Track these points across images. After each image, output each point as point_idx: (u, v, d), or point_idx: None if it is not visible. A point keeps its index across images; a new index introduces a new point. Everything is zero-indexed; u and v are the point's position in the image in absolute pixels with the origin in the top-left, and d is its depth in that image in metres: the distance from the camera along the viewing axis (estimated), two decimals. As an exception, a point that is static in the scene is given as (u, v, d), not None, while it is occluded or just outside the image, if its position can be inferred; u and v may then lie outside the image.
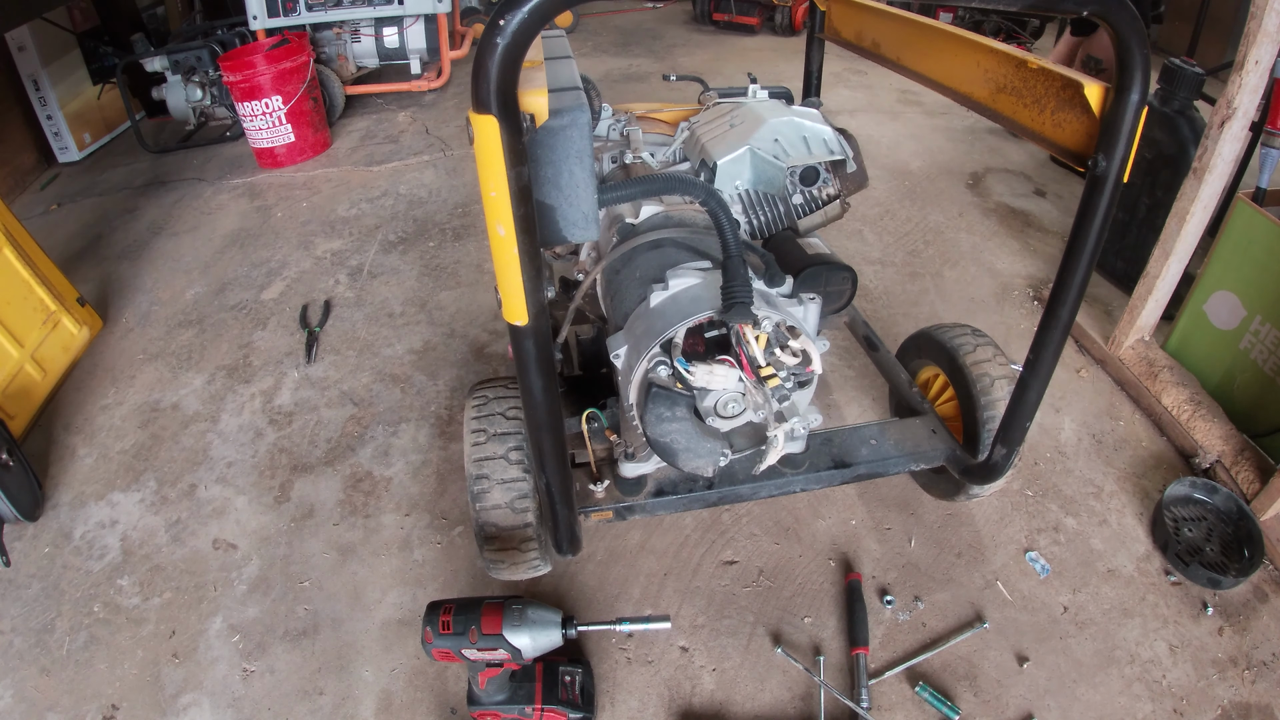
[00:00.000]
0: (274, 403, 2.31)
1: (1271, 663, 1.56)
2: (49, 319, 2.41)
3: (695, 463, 1.22)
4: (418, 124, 4.35)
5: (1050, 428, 2.11)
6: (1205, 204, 1.94)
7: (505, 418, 1.45)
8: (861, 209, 3.18)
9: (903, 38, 1.53)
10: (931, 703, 1.46)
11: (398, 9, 4.25)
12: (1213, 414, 1.99)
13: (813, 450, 1.53)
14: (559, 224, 1.06)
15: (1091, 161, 1.09)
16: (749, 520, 1.86)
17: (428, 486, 2.00)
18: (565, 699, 1.41)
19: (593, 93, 1.77)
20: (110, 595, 1.77)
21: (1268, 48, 1.72)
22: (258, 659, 1.62)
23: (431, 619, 1.26)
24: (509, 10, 0.80)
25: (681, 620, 1.65)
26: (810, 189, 1.68)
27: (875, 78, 4.68)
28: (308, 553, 1.84)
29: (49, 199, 3.75)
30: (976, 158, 3.68)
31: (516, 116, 0.86)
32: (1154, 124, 2.34)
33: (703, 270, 1.30)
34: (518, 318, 1.02)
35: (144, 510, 1.98)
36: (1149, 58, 1.02)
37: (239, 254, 3.12)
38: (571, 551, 1.40)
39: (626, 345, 1.26)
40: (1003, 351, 1.64)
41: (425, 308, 2.70)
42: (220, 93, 4.06)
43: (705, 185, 1.17)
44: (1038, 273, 2.78)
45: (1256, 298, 1.91)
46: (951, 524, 1.84)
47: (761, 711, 1.49)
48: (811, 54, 1.96)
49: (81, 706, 1.55)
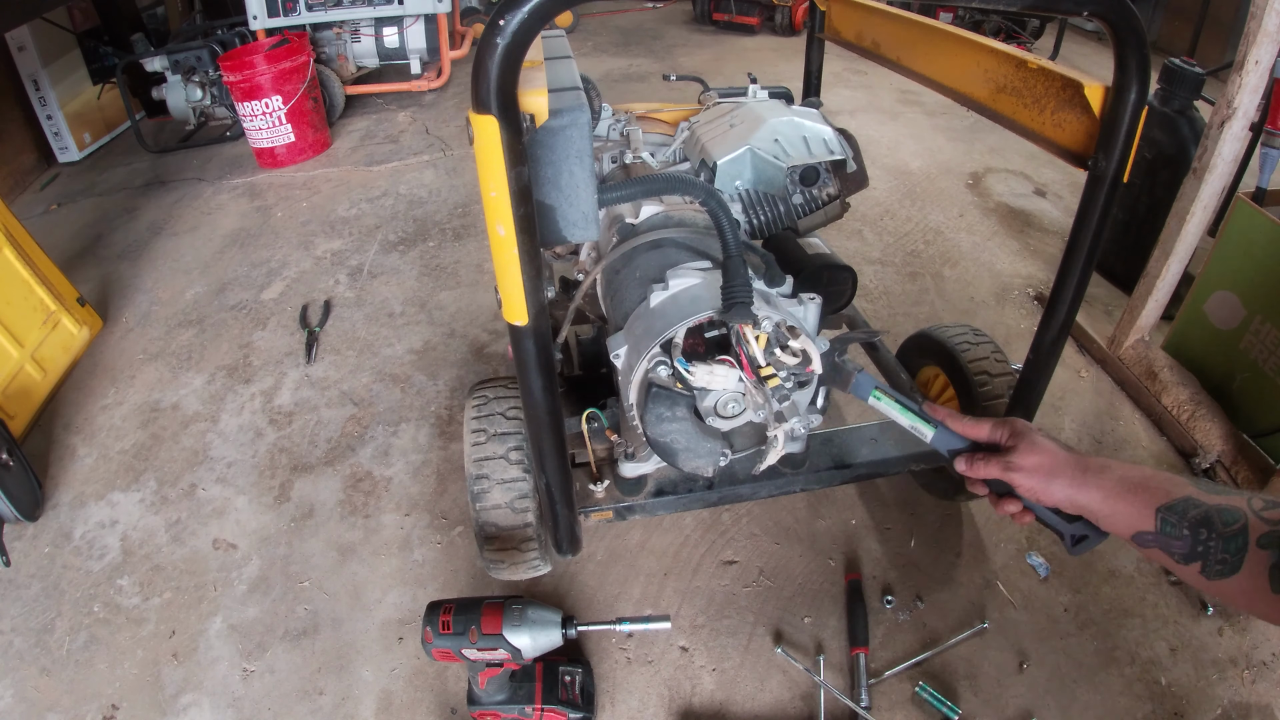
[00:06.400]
0: (274, 403, 2.31)
1: (1271, 663, 1.56)
2: (49, 319, 2.41)
3: (695, 463, 1.22)
4: (418, 124, 4.35)
5: (1050, 428, 2.11)
6: (1205, 204, 1.94)
7: (505, 418, 1.45)
8: (861, 209, 3.18)
9: (903, 38, 1.53)
10: (931, 703, 1.46)
11: (398, 9, 4.25)
12: (1213, 414, 1.99)
13: (813, 450, 1.53)
14: (559, 224, 1.06)
15: (1091, 161, 1.09)
16: (749, 520, 1.86)
17: (428, 486, 2.00)
18: (565, 699, 1.41)
19: (593, 93, 1.77)
20: (110, 595, 1.77)
21: (1268, 48, 1.72)
22: (258, 659, 1.62)
23: (431, 619, 1.26)
24: (509, 10, 0.80)
25: (681, 620, 1.65)
26: (810, 189, 1.68)
27: (875, 78, 4.67)
28: (308, 553, 1.84)
29: (49, 199, 3.75)
30: (976, 158, 3.68)
31: (516, 116, 0.86)
32: (1154, 124, 2.34)
33: (703, 270, 1.30)
34: (518, 318, 1.02)
35: (144, 510, 1.98)
36: (1149, 58, 1.02)
37: (239, 254, 3.12)
38: (571, 551, 1.40)
39: (626, 345, 1.26)
40: (1002, 351, 1.64)
41: (425, 308, 2.70)
42: (220, 93, 4.06)
43: (705, 185, 1.17)
44: (1038, 273, 2.78)
45: (1256, 298, 1.91)
46: (951, 524, 1.84)
47: (762, 711, 1.49)
48: (811, 54, 1.96)
49: (81, 706, 1.55)
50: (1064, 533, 0.92)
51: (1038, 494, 0.90)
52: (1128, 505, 0.82)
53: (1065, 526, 0.92)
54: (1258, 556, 0.73)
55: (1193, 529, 0.77)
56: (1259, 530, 0.73)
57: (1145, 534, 0.80)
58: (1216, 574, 0.76)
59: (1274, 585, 0.72)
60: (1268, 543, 0.72)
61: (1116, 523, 0.84)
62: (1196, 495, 0.78)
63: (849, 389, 1.11)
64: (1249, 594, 0.74)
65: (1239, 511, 0.75)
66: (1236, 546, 0.74)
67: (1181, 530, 0.78)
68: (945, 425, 1.01)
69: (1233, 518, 0.75)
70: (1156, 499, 0.80)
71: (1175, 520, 0.78)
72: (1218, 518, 0.76)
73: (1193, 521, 0.77)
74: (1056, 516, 0.92)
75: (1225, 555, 0.75)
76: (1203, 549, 0.76)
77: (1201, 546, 0.76)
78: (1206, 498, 0.78)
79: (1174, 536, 0.78)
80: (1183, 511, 0.78)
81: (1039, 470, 0.89)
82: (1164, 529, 0.79)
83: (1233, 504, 0.76)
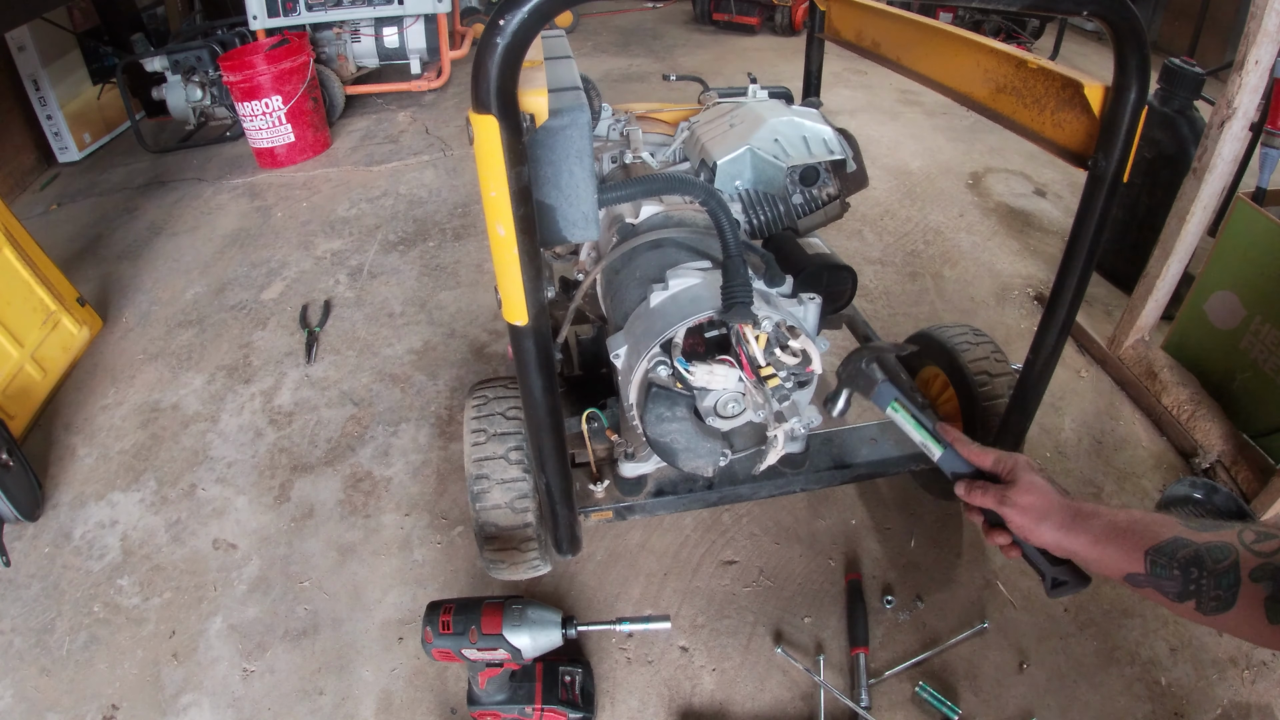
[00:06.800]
0: (274, 403, 2.31)
1: (1271, 663, 1.56)
2: (49, 319, 2.41)
3: (695, 463, 1.22)
4: (418, 124, 4.35)
5: (1050, 427, 2.11)
6: (1205, 204, 1.94)
7: (505, 418, 1.45)
8: (861, 209, 3.18)
9: (903, 38, 1.53)
10: (931, 703, 1.46)
11: (398, 9, 4.25)
12: (1213, 414, 1.99)
13: (813, 450, 1.53)
14: (559, 224, 1.06)
15: (1091, 161, 1.09)
16: (749, 520, 1.86)
17: (428, 486, 2.00)
18: (565, 699, 1.41)
19: (593, 93, 1.77)
20: (110, 595, 1.77)
21: (1268, 48, 1.72)
22: (258, 659, 1.62)
23: (431, 619, 1.26)
24: (509, 10, 0.80)
25: (681, 620, 1.65)
26: (810, 189, 1.68)
27: (875, 78, 4.67)
28: (308, 553, 1.84)
29: (49, 199, 3.75)
30: (976, 158, 3.68)
31: (516, 116, 0.86)
32: (1154, 124, 2.33)
33: (703, 270, 1.30)
34: (518, 318, 1.02)
35: (144, 510, 1.98)
36: (1149, 58, 1.02)
37: (239, 254, 3.12)
38: (571, 551, 1.40)
39: (626, 345, 1.26)
40: (1002, 351, 1.64)
41: (425, 308, 2.70)
42: (220, 93, 4.06)
43: (705, 185, 1.17)
44: (1038, 273, 2.78)
45: (1256, 298, 1.91)
46: (952, 524, 1.84)
47: (762, 711, 1.49)
48: (811, 54, 1.96)
49: (81, 706, 1.55)
50: (1045, 574, 0.94)
51: (1027, 533, 0.91)
52: (1115, 550, 0.83)
53: (1048, 569, 0.93)
54: (1251, 590, 0.73)
55: (1183, 569, 0.78)
56: (1250, 564, 0.74)
57: (1137, 575, 0.81)
58: (1212, 610, 0.77)
59: (1271, 617, 0.72)
60: (1260, 576, 0.73)
61: (1106, 566, 0.85)
62: (1185, 535, 0.79)
63: (870, 397, 1.12)
64: (1246, 626, 0.75)
65: (1229, 547, 0.76)
66: (1229, 582, 0.75)
67: (1172, 570, 0.78)
68: (954, 448, 1.02)
69: (1223, 554, 0.76)
70: (1145, 542, 0.80)
71: (1165, 561, 0.79)
72: (1208, 556, 0.76)
73: (1183, 561, 0.78)
74: (1042, 557, 0.93)
75: (1218, 592, 0.75)
76: (1195, 587, 0.77)
77: (1194, 585, 0.77)
78: (1195, 536, 0.78)
79: (1165, 577, 0.79)
80: (1172, 553, 0.79)
81: (1031, 510, 0.90)
82: (1154, 571, 0.79)
83: (1223, 540, 0.77)
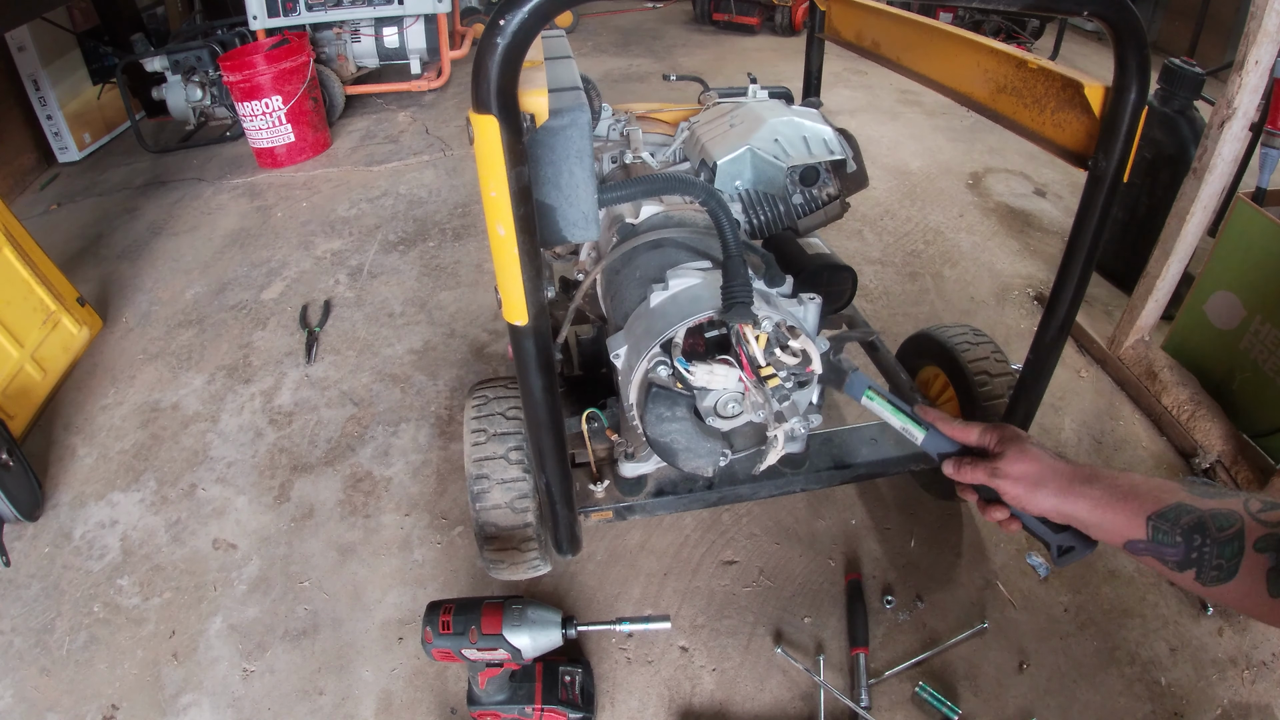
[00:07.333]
0: (274, 403, 2.31)
1: (1271, 663, 1.56)
2: (49, 319, 2.41)
3: (695, 463, 1.22)
4: (418, 124, 4.35)
5: (1050, 428, 2.11)
6: (1205, 204, 1.94)
7: (505, 418, 1.45)
8: (861, 209, 3.18)
9: (903, 38, 1.53)
10: (931, 703, 1.46)
11: (398, 9, 4.25)
12: (1213, 414, 1.99)
13: (813, 450, 1.53)
14: (559, 224, 1.06)
15: (1091, 161, 1.09)
16: (749, 520, 1.86)
17: (428, 486, 2.00)
18: (565, 699, 1.41)
19: (593, 93, 1.77)
20: (110, 595, 1.77)
21: (1268, 48, 1.72)
22: (258, 659, 1.62)
23: (431, 619, 1.26)
24: (509, 10, 0.80)
25: (681, 620, 1.65)
26: (810, 189, 1.68)
27: (875, 78, 4.67)
28: (308, 553, 1.84)
29: (49, 199, 3.75)
30: (976, 158, 3.68)
31: (516, 116, 0.86)
32: (1154, 124, 2.33)
33: (703, 270, 1.30)
34: (518, 318, 1.02)
35: (144, 510, 1.98)
36: (1149, 58, 1.02)
37: (239, 254, 3.12)
38: (571, 551, 1.40)
39: (626, 345, 1.26)
40: (1002, 351, 1.64)
41: (425, 308, 2.70)
42: (220, 93, 4.06)
43: (705, 185, 1.17)
44: (1038, 273, 2.78)
45: (1256, 298, 1.91)
46: (951, 524, 1.84)
47: (762, 711, 1.49)
48: (811, 54, 1.96)
49: (81, 706, 1.55)
50: (1050, 542, 0.91)
51: (1023, 502, 0.88)
52: (1117, 514, 0.80)
53: (1051, 536, 0.90)
54: (1255, 560, 0.71)
55: (1186, 535, 0.75)
56: (1256, 533, 0.72)
57: (1137, 542, 0.79)
58: (1212, 580, 0.74)
59: (1271, 589, 0.70)
60: (1265, 546, 0.71)
61: (1106, 532, 0.82)
62: (1189, 501, 0.77)
63: (843, 388, 1.12)
64: (1246, 598, 0.73)
65: (1234, 515, 0.73)
66: (1232, 551, 0.73)
67: (1174, 537, 0.76)
68: (935, 428, 1.00)
69: (1228, 521, 0.73)
70: (1147, 506, 0.78)
71: (1167, 528, 0.77)
72: (1212, 523, 0.74)
73: (1186, 528, 0.76)
74: (1043, 526, 0.90)
75: (1220, 560, 0.73)
76: (1197, 555, 0.75)
77: (1196, 553, 0.75)
78: (1200, 502, 0.76)
79: (1166, 544, 0.77)
80: (1175, 518, 0.76)
81: (1025, 478, 0.88)
82: (1155, 537, 0.77)
83: (1228, 507, 0.74)
